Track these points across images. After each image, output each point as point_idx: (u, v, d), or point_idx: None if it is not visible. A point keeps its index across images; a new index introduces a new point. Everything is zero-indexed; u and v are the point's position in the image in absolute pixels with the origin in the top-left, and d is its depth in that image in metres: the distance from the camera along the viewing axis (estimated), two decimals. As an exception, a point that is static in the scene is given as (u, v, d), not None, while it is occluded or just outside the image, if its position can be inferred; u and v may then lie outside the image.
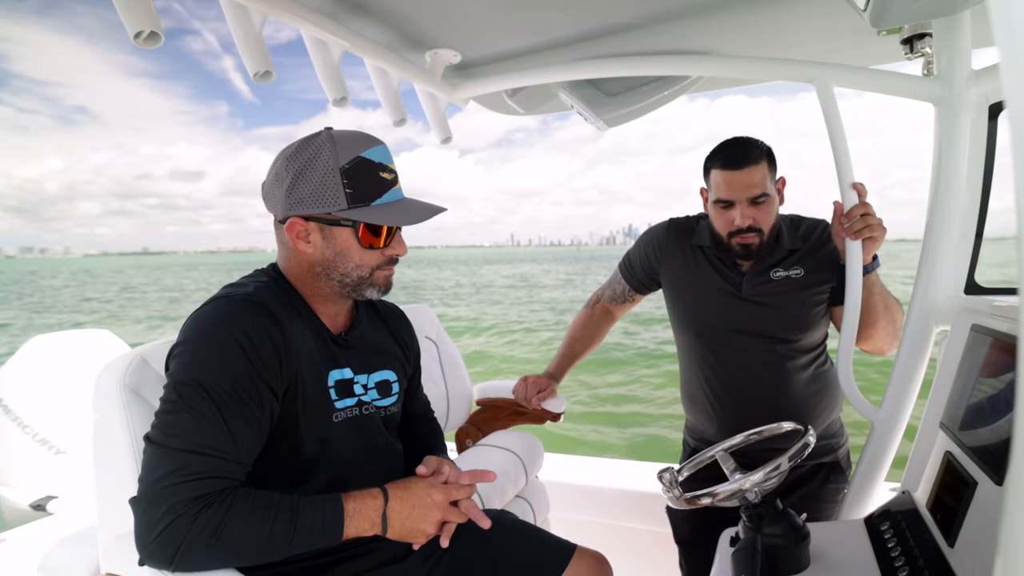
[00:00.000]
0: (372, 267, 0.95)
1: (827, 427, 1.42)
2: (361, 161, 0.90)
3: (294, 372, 0.87)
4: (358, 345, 1.01)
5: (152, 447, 0.77)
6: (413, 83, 1.67)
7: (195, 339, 0.82)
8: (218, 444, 0.77)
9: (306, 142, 0.90)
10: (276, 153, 0.95)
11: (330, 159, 0.88)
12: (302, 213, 0.90)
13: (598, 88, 1.67)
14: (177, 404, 0.78)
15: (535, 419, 1.79)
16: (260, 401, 0.82)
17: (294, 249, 0.93)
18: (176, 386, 0.79)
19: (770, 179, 1.29)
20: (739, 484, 0.90)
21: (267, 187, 0.94)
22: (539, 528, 1.17)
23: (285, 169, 0.89)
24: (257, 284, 0.91)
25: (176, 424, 0.77)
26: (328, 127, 0.93)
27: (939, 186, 1.10)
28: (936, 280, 1.11)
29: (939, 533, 0.82)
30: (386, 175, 0.93)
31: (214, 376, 0.79)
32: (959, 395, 0.94)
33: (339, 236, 0.92)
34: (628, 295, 1.65)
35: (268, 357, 0.83)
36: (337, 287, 0.95)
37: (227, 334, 0.81)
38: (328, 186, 0.88)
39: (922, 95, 1.11)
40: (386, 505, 0.87)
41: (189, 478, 0.74)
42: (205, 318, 0.84)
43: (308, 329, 0.93)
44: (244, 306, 0.85)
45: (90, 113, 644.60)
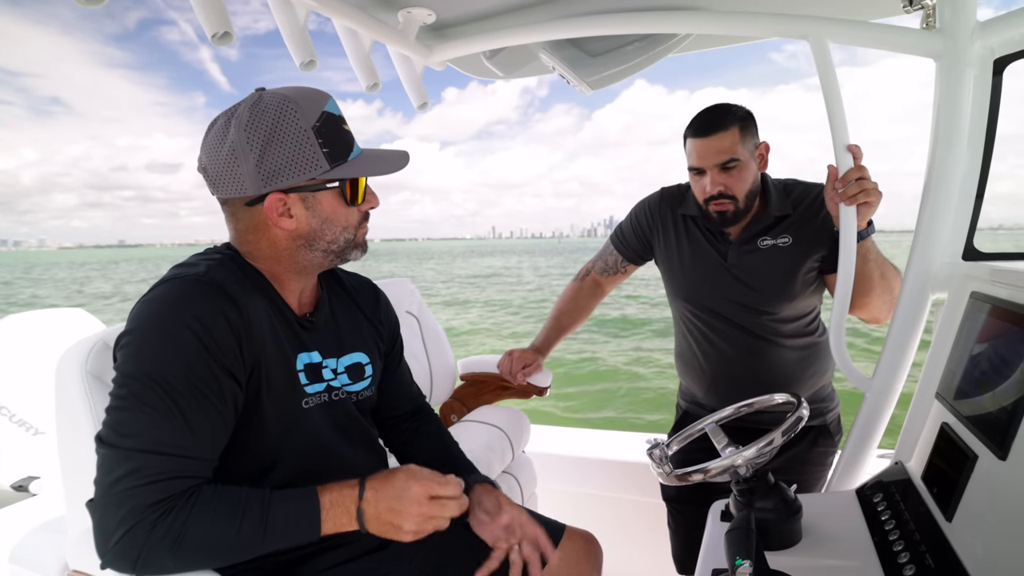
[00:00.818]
0: (355, 226, 0.89)
1: (816, 392, 1.42)
2: (328, 116, 0.82)
3: (256, 355, 0.81)
4: (324, 326, 0.95)
5: (105, 448, 0.70)
6: (386, 45, 1.57)
7: (143, 327, 0.74)
8: (176, 441, 0.71)
9: (257, 107, 0.79)
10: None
11: (299, 120, 0.79)
12: (281, 186, 0.80)
13: (581, 48, 1.58)
14: (128, 400, 0.71)
15: (521, 394, 1.76)
16: (220, 391, 0.75)
17: (271, 228, 0.84)
18: (125, 380, 0.72)
19: (743, 145, 1.26)
20: (731, 460, 0.88)
21: (217, 167, 0.81)
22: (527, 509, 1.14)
23: (246, 142, 0.78)
24: (209, 263, 0.83)
25: (128, 422, 0.70)
26: (260, 87, 0.84)
27: (938, 146, 1.05)
28: (933, 245, 1.07)
29: (936, 506, 0.80)
30: (347, 128, 0.85)
31: (166, 367, 0.72)
32: (956, 364, 0.91)
33: (323, 201, 0.85)
34: (621, 266, 1.62)
35: (226, 342, 0.76)
36: (320, 257, 0.88)
37: (178, 320, 0.73)
38: (304, 150, 0.80)
39: (922, 50, 1.05)
40: (361, 497, 0.80)
41: (146, 480, 0.68)
42: (153, 304, 0.76)
43: (271, 309, 0.86)
44: (196, 287, 0.77)
45: (65, 104, 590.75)
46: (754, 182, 1.31)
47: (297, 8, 1.34)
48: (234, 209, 0.85)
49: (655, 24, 1.30)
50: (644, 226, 1.55)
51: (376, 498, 0.80)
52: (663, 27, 1.30)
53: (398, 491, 0.81)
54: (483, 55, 1.66)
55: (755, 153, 1.31)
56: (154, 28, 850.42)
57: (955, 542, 0.71)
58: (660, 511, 1.60)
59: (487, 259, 56.99)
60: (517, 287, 24.57)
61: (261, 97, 0.81)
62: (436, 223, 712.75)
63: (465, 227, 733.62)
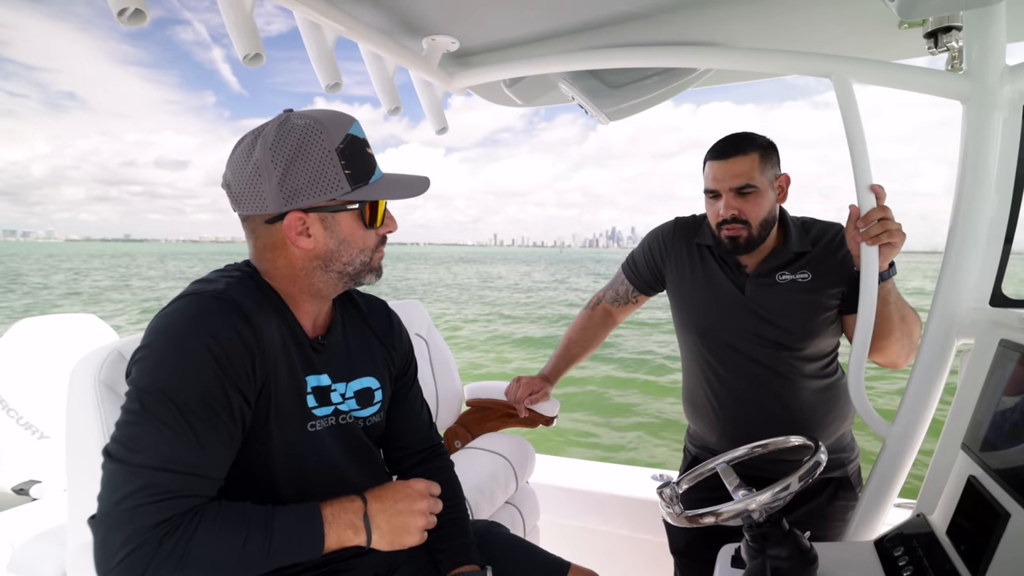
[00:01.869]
0: (372, 249, 0.89)
1: (836, 440, 1.36)
2: (352, 139, 0.83)
3: (267, 374, 0.80)
4: (336, 350, 0.94)
5: (113, 464, 0.68)
6: (409, 71, 1.60)
7: (160, 343, 0.74)
8: (186, 459, 0.70)
9: (284, 128, 0.81)
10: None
11: (324, 141, 0.80)
12: (302, 205, 0.81)
13: (600, 80, 1.60)
14: (140, 415, 0.69)
15: (527, 422, 1.73)
16: (230, 409, 0.74)
17: (289, 247, 0.84)
18: (139, 395, 0.70)
19: (761, 172, 1.25)
20: (744, 504, 0.84)
21: (241, 184, 0.82)
22: (531, 544, 1.10)
23: (271, 160, 0.79)
24: (228, 280, 0.83)
25: (139, 438, 0.69)
26: (288, 109, 0.86)
27: (965, 189, 1.03)
28: (959, 290, 1.04)
29: (963, 565, 0.76)
30: (370, 151, 0.87)
31: (181, 384, 0.71)
32: (983, 414, 0.88)
33: (343, 223, 0.85)
34: (631, 296, 1.59)
35: (238, 358, 0.75)
36: (335, 279, 0.88)
37: (195, 337, 0.73)
38: (327, 170, 0.80)
39: (949, 92, 1.04)
40: (366, 506, 0.80)
41: (154, 499, 0.67)
42: (170, 319, 0.75)
43: (284, 329, 0.85)
44: (213, 304, 0.77)
45: (78, 99, 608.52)
46: (770, 212, 1.29)
47: (326, 32, 1.37)
48: (254, 226, 0.85)
49: (677, 59, 1.31)
50: (656, 257, 1.52)
51: (382, 508, 0.81)
52: (685, 62, 1.31)
53: (400, 495, 0.83)
54: (503, 83, 1.68)
55: (774, 183, 1.29)
56: (168, 27, 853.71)
57: None
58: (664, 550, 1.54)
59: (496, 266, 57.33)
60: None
61: (288, 118, 0.82)
62: (438, 228, 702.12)
63: (467, 233, 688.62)
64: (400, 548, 0.81)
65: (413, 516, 0.82)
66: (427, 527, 0.83)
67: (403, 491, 0.83)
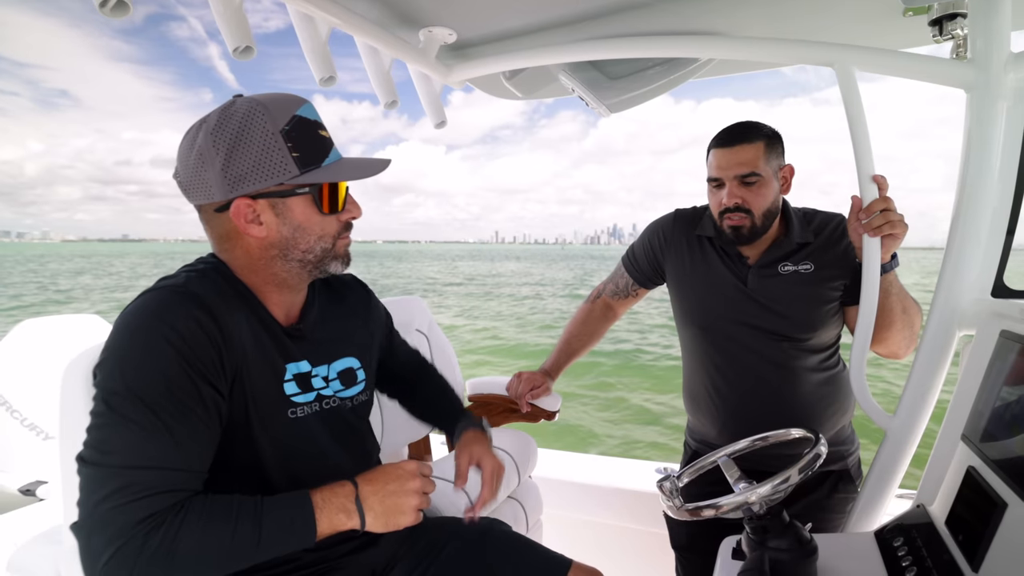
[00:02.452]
0: (333, 236, 0.86)
1: (837, 433, 1.35)
2: (299, 120, 0.80)
3: (237, 367, 0.79)
4: (313, 334, 0.92)
5: (88, 468, 0.68)
6: (406, 64, 1.58)
7: (120, 342, 0.73)
8: (162, 455, 0.69)
9: (225, 113, 0.78)
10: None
11: (266, 123, 0.77)
12: (247, 192, 0.78)
13: (601, 71, 1.58)
14: (109, 416, 0.69)
15: (529, 417, 1.73)
16: (202, 401, 0.74)
17: (243, 235, 0.82)
18: (106, 396, 0.70)
19: (766, 161, 1.24)
20: (744, 497, 0.85)
21: (187, 173, 0.80)
22: (533, 542, 1.10)
23: (212, 146, 0.76)
24: (190, 275, 0.81)
25: (112, 440, 0.68)
26: (238, 94, 0.83)
27: (968, 178, 1.02)
28: (961, 281, 1.04)
29: (961, 555, 0.76)
30: (324, 133, 0.83)
31: (146, 380, 0.70)
32: (983, 405, 0.88)
33: (295, 208, 0.82)
34: (632, 289, 1.59)
35: (202, 348, 0.74)
36: (297, 268, 0.85)
37: (154, 331, 0.72)
38: (271, 153, 0.77)
39: (953, 80, 1.03)
40: (357, 490, 0.79)
41: (134, 497, 0.66)
42: (130, 317, 0.74)
43: (255, 320, 0.84)
44: (172, 298, 0.75)
45: (72, 97, 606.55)
46: (773, 202, 1.27)
47: (319, 24, 1.35)
48: (207, 216, 0.84)
49: (678, 49, 1.30)
50: (656, 249, 1.51)
51: (374, 490, 0.80)
52: (686, 51, 1.30)
53: (391, 477, 0.82)
54: (502, 75, 1.66)
55: (778, 174, 1.27)
56: (163, 23, 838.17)
57: None
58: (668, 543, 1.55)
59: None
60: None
61: (233, 102, 0.80)
62: (439, 226, 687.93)
63: (468, 231, 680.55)
64: (395, 529, 0.81)
65: (406, 496, 0.81)
66: (421, 507, 0.82)
67: (394, 472, 0.82)
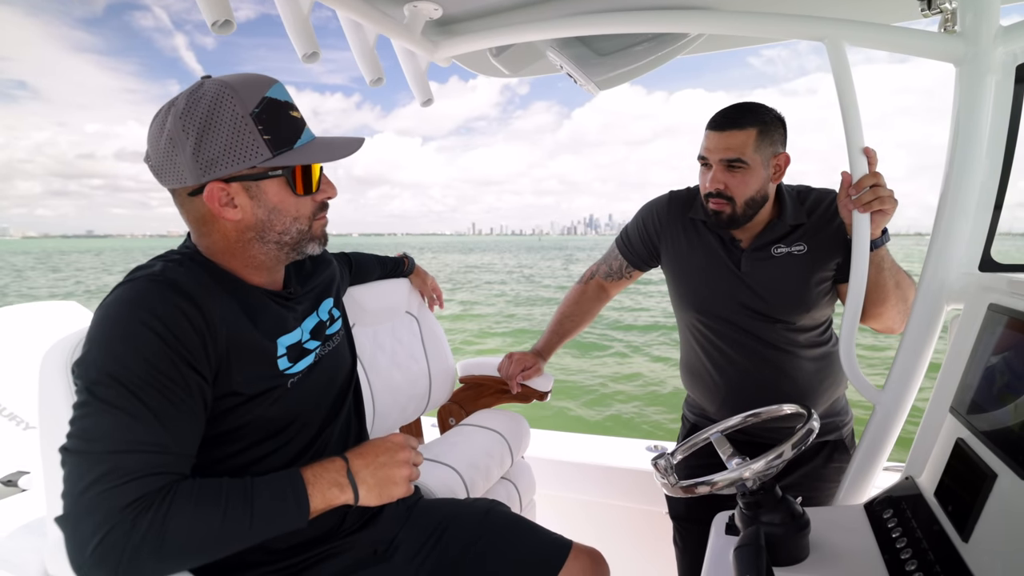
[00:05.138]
0: (309, 217, 0.86)
1: (831, 405, 1.38)
2: (269, 102, 0.78)
3: (223, 353, 0.78)
4: (301, 291, 0.96)
5: (72, 456, 0.66)
6: (391, 39, 1.54)
7: (100, 333, 0.71)
8: (148, 438, 0.68)
9: (194, 95, 0.77)
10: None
11: (235, 106, 0.76)
12: (220, 175, 0.77)
13: (589, 47, 1.56)
14: (92, 405, 0.68)
15: (521, 397, 1.73)
16: (186, 385, 0.73)
17: (218, 219, 0.81)
18: (88, 386, 0.69)
19: (757, 149, 1.22)
20: (739, 473, 0.85)
21: (159, 157, 0.79)
22: (533, 523, 1.11)
23: (182, 130, 0.75)
24: (166, 263, 0.80)
25: (96, 427, 0.67)
26: (206, 75, 0.81)
27: (956, 153, 1.02)
28: (949, 255, 1.04)
29: (951, 526, 0.77)
30: (295, 114, 0.82)
31: (127, 365, 0.69)
32: (971, 377, 0.89)
33: (269, 190, 0.81)
34: (625, 271, 1.58)
35: (186, 337, 0.73)
36: (274, 250, 0.85)
37: (133, 319, 0.71)
38: (242, 137, 0.76)
39: (942, 54, 1.02)
40: (348, 464, 0.80)
41: (121, 480, 0.65)
42: (108, 309, 0.73)
43: (240, 303, 0.83)
44: (150, 286, 0.74)
45: (30, 88, 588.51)
46: (759, 191, 1.26)
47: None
48: (181, 200, 0.83)
49: (667, 23, 1.27)
50: (651, 231, 1.51)
51: (365, 463, 0.81)
52: (675, 27, 1.27)
53: (381, 449, 0.83)
54: (489, 52, 1.63)
55: (770, 162, 1.26)
56: (125, 13, 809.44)
57: (972, 564, 0.69)
58: (661, 520, 1.57)
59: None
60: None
61: (201, 84, 0.79)
62: (415, 218, 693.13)
63: (444, 223, 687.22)
64: (388, 500, 0.82)
65: (397, 467, 0.82)
66: (411, 478, 0.84)
67: (383, 445, 0.84)
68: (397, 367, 1.63)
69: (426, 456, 1.44)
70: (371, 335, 1.60)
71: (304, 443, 0.90)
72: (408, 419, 1.71)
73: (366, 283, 1.56)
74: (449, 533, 1.02)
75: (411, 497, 1.05)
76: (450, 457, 1.43)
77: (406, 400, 1.65)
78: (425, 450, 1.49)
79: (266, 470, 0.78)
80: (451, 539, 1.01)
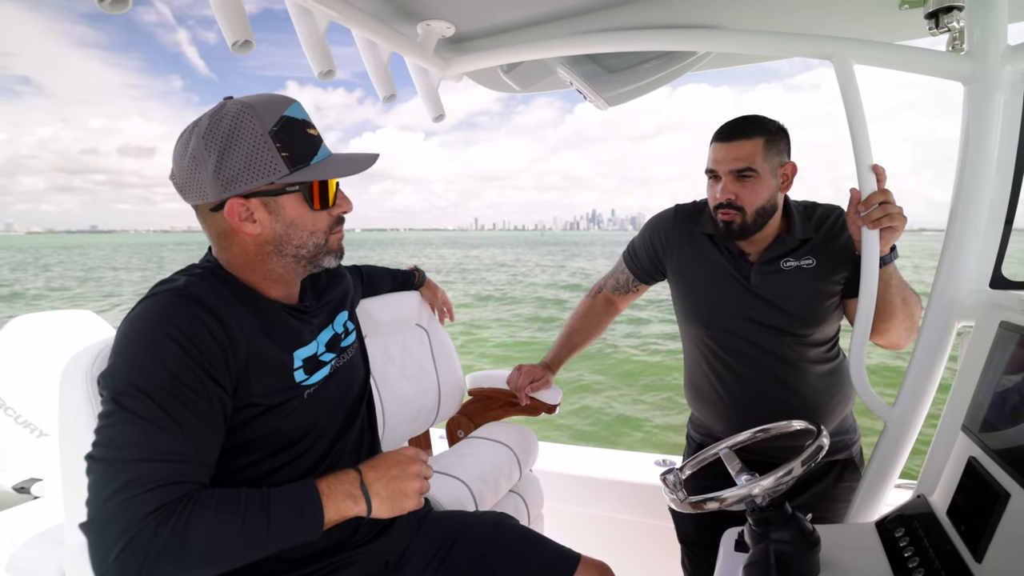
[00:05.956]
0: (325, 231, 0.89)
1: (840, 423, 1.37)
2: (287, 121, 0.82)
3: (242, 366, 0.80)
4: (317, 305, 0.98)
5: (98, 464, 0.68)
6: (404, 57, 1.58)
7: (126, 346, 0.74)
8: (172, 447, 0.70)
9: (216, 116, 0.81)
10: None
11: (255, 125, 0.79)
12: (240, 191, 0.81)
13: (599, 64, 1.58)
14: (117, 415, 0.70)
15: (529, 410, 1.73)
16: (208, 397, 0.75)
17: (238, 233, 0.84)
18: (114, 396, 0.71)
19: (764, 158, 1.24)
20: (748, 489, 0.85)
21: (183, 175, 0.83)
22: (542, 536, 1.11)
23: (204, 149, 0.79)
24: (189, 277, 0.83)
25: (121, 436, 0.69)
26: (228, 96, 0.85)
27: (966, 170, 1.03)
28: (959, 272, 1.04)
29: (963, 545, 0.77)
30: (312, 132, 0.86)
31: (152, 377, 0.71)
32: (983, 395, 0.88)
33: (287, 206, 0.84)
34: (632, 285, 1.59)
35: (209, 350, 0.76)
36: (292, 263, 0.88)
37: (159, 332, 0.73)
38: (261, 154, 0.80)
39: (951, 73, 1.03)
40: (361, 477, 0.82)
41: (144, 489, 0.67)
42: (133, 323, 0.76)
43: (258, 317, 0.86)
44: (174, 300, 0.77)
45: (34, 84, 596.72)
46: (769, 200, 1.27)
47: (317, 18, 1.34)
48: (204, 216, 0.86)
49: (676, 42, 1.29)
50: (656, 247, 1.51)
51: (378, 476, 0.83)
52: (685, 45, 1.29)
53: (393, 462, 0.85)
54: (500, 69, 1.66)
55: (778, 171, 1.27)
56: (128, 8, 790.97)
57: None
58: (669, 535, 1.56)
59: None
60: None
61: (223, 105, 0.82)
62: (417, 213, 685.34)
63: (447, 218, 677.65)
64: (400, 512, 0.83)
65: (409, 480, 0.84)
66: (422, 491, 0.85)
67: (395, 458, 0.86)
68: (407, 379, 1.64)
69: (435, 468, 1.44)
70: (382, 347, 1.61)
71: (319, 454, 0.91)
72: (417, 431, 1.71)
73: (377, 296, 1.58)
74: (459, 545, 1.02)
75: (421, 509, 1.05)
76: (459, 470, 1.43)
77: (415, 412, 1.66)
78: (434, 462, 1.50)
79: (281, 481, 0.80)
80: (461, 551, 1.01)
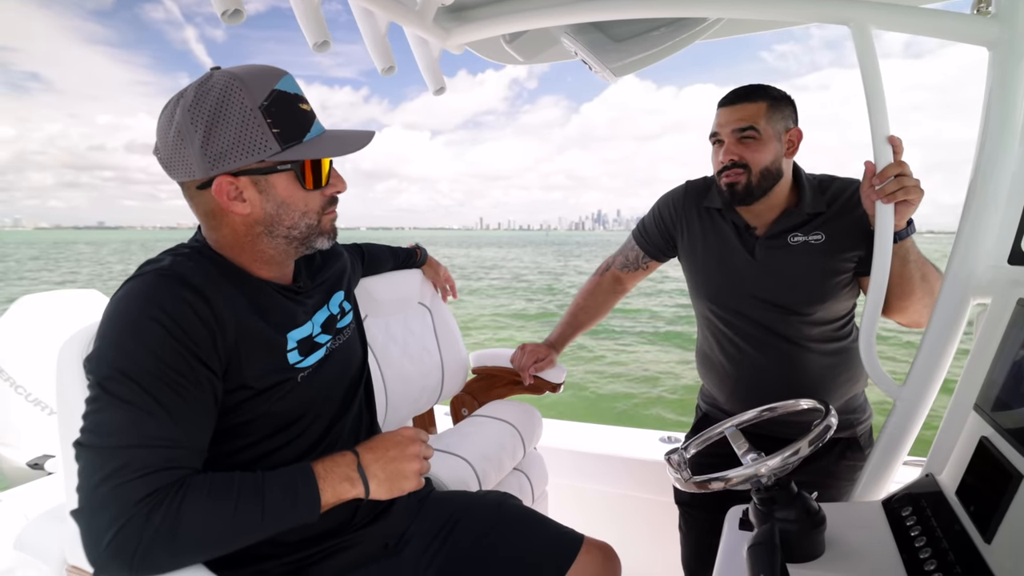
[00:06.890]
0: (318, 212, 0.85)
1: (847, 402, 1.35)
2: (278, 95, 0.77)
3: (232, 347, 0.78)
4: (311, 285, 0.96)
5: (86, 451, 0.67)
6: (403, 27, 1.53)
7: (110, 329, 0.72)
8: (161, 432, 0.69)
9: (202, 88, 0.76)
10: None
11: (244, 99, 0.75)
12: (228, 169, 0.76)
13: (605, 33, 1.52)
14: (104, 401, 0.68)
15: (533, 389, 1.73)
16: (196, 378, 0.73)
17: (227, 213, 0.81)
18: (99, 381, 0.69)
19: (768, 120, 1.23)
20: (754, 469, 0.84)
21: (167, 151, 0.78)
22: (545, 517, 1.11)
23: (191, 123, 0.74)
24: (175, 257, 0.80)
25: (108, 422, 0.67)
26: (215, 66, 0.80)
27: (987, 141, 0.98)
28: (976, 247, 1.01)
29: (972, 526, 0.75)
30: (305, 107, 0.81)
31: (137, 361, 0.69)
32: (997, 374, 0.86)
33: (278, 184, 0.80)
34: (642, 262, 1.57)
35: (195, 331, 0.73)
36: (283, 244, 0.85)
37: (144, 314, 0.71)
38: (251, 130, 0.75)
39: (975, 37, 0.98)
40: (358, 458, 0.80)
41: (134, 475, 0.66)
42: (118, 304, 0.73)
43: (249, 298, 0.83)
44: (158, 280, 0.74)
45: (43, 80, 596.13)
46: (773, 162, 1.25)
47: (312, -13, 1.30)
48: (191, 193, 0.82)
49: (686, 8, 1.24)
50: (667, 221, 1.49)
51: (375, 457, 0.81)
52: (694, 11, 1.24)
53: (391, 443, 0.83)
54: (503, 39, 1.60)
55: (783, 136, 1.26)
56: (136, 5, 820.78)
57: (995, 567, 0.67)
58: (672, 510, 1.56)
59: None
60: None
61: (210, 76, 0.77)
62: (423, 212, 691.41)
63: (452, 217, 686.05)
64: (399, 494, 0.82)
65: (407, 461, 0.82)
66: (421, 472, 0.84)
67: (393, 439, 0.84)
68: (409, 358, 1.64)
69: (439, 447, 1.44)
70: (384, 326, 1.60)
71: (315, 437, 0.90)
72: (420, 410, 1.71)
73: (379, 274, 1.56)
74: (461, 526, 1.02)
75: (423, 490, 1.05)
76: (462, 448, 1.43)
77: (418, 391, 1.66)
78: (437, 441, 1.50)
79: (277, 464, 0.78)
80: (462, 532, 1.01)
